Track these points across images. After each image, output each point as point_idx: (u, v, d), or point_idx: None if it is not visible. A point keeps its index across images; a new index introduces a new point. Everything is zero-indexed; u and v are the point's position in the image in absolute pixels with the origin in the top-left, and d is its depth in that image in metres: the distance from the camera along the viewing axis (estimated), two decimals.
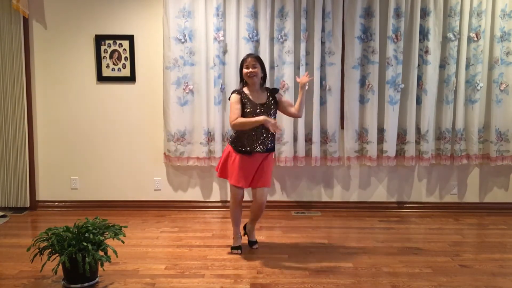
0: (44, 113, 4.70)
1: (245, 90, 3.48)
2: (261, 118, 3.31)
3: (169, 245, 3.77)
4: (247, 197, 4.58)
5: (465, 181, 4.79)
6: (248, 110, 3.38)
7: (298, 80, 3.57)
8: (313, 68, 4.48)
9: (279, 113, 3.60)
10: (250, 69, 3.40)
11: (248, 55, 3.50)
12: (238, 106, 3.38)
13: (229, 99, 3.50)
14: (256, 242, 3.71)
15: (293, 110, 3.58)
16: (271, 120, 3.33)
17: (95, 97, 4.68)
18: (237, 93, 3.45)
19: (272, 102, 3.49)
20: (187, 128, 4.58)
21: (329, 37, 4.47)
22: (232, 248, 3.61)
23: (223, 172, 3.56)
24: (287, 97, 4.28)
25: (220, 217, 4.57)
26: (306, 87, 3.61)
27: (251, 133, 3.40)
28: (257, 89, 3.48)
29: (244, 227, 3.77)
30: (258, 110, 3.39)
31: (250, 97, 3.43)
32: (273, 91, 3.55)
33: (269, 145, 3.47)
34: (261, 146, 3.41)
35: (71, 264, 2.80)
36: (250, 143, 3.41)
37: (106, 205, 4.74)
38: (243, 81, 3.51)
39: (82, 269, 2.79)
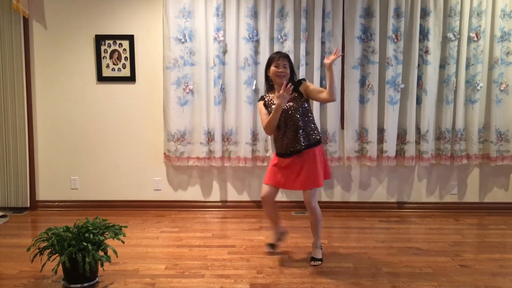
0: (44, 113, 4.70)
1: (270, 94, 3.38)
2: (276, 104, 3.17)
3: (169, 245, 3.77)
4: (245, 196, 4.59)
5: (465, 181, 4.79)
6: (271, 111, 3.29)
7: (325, 60, 3.25)
8: (313, 68, 4.48)
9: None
10: (281, 69, 3.27)
11: (278, 54, 3.35)
12: (264, 111, 3.33)
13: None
14: (313, 258, 3.35)
15: (324, 95, 3.23)
16: (280, 96, 3.13)
17: (95, 97, 4.68)
18: (261, 100, 3.42)
19: (296, 97, 3.27)
20: (187, 128, 4.58)
21: (329, 37, 4.47)
22: (267, 244, 3.62)
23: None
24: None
25: (220, 217, 4.57)
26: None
27: (278, 135, 3.32)
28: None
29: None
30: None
31: (273, 100, 3.31)
32: (298, 84, 3.33)
33: (297, 145, 3.26)
34: (291, 148, 3.27)
35: (71, 264, 2.80)
36: (281, 146, 3.33)
37: (106, 205, 4.74)
38: (268, 80, 3.38)
39: (82, 269, 2.79)
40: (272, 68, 3.30)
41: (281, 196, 4.73)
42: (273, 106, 3.27)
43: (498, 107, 4.54)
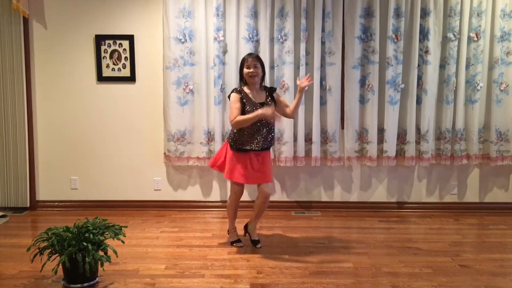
0: (44, 113, 4.70)
1: (245, 89, 3.53)
2: (259, 111, 3.37)
3: (169, 245, 3.77)
4: (246, 196, 4.61)
5: (465, 181, 4.79)
6: (248, 109, 3.44)
7: (298, 82, 3.57)
8: (313, 68, 4.48)
9: None
10: (252, 69, 3.46)
11: (249, 55, 3.56)
12: (238, 105, 3.44)
13: (229, 97, 3.53)
14: (259, 241, 3.71)
15: (287, 110, 3.64)
16: (268, 110, 3.38)
17: (95, 97, 4.68)
18: (236, 92, 3.50)
19: (270, 102, 3.55)
20: (187, 128, 4.58)
21: (329, 37, 4.47)
22: (232, 242, 3.69)
23: (216, 164, 3.68)
24: (286, 97, 4.35)
25: (220, 217, 4.56)
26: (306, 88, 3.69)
27: (251, 131, 3.45)
28: (257, 88, 3.55)
29: (245, 227, 3.79)
30: (258, 108, 3.43)
31: (250, 96, 3.48)
32: (271, 90, 3.61)
33: (268, 143, 3.55)
34: (260, 144, 3.49)
35: (71, 264, 2.80)
36: (249, 142, 3.47)
37: (106, 205, 4.74)
38: (242, 80, 3.56)
39: (82, 269, 2.79)
40: (245, 69, 3.49)
41: (281, 196, 4.74)
42: (247, 103, 3.44)
43: (498, 107, 4.54)
